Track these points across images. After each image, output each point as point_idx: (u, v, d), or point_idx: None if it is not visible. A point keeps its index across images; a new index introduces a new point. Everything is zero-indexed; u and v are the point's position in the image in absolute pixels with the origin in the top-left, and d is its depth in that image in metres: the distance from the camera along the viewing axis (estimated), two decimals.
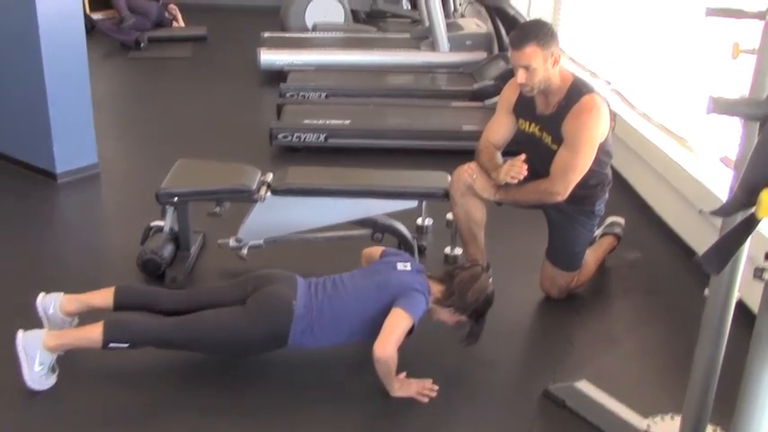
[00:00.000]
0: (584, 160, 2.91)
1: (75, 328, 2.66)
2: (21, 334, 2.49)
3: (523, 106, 3.06)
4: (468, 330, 2.72)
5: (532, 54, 2.82)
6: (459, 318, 2.70)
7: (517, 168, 2.87)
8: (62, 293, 2.71)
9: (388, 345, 2.46)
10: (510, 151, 3.10)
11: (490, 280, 2.71)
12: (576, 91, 2.92)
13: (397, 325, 2.50)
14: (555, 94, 2.94)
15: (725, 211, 1.58)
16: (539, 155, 3.01)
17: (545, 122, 3.00)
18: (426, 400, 2.53)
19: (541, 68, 2.84)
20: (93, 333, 2.50)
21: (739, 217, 1.50)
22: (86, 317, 2.70)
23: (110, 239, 3.74)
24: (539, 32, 2.86)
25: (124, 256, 3.30)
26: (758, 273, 1.51)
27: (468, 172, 3.07)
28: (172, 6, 8.06)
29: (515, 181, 2.89)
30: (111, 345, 2.49)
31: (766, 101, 1.54)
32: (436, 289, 2.68)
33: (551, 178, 2.94)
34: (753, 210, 1.42)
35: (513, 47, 2.88)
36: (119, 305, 2.69)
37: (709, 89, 3.62)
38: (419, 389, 2.55)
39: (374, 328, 2.55)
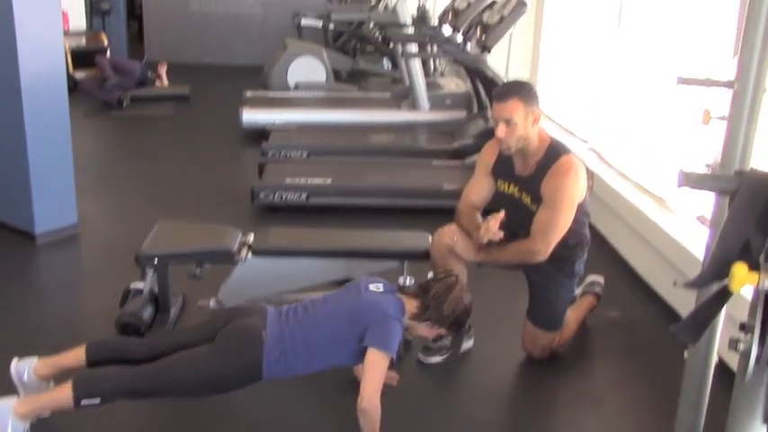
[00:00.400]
0: (563, 220, 2.94)
1: (46, 392, 2.60)
2: None
3: (502, 167, 3.11)
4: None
5: (514, 108, 2.87)
6: (439, 330, 2.68)
7: (492, 228, 2.88)
8: (36, 358, 2.66)
9: (372, 396, 2.44)
10: (490, 209, 3.13)
11: (465, 289, 2.70)
12: (554, 152, 2.97)
13: (376, 372, 2.47)
14: (533, 154, 2.99)
15: (698, 284, 1.60)
16: (518, 215, 3.04)
17: (524, 183, 3.03)
18: None
19: (522, 124, 2.89)
20: (63, 393, 2.45)
21: (713, 287, 1.53)
22: (62, 379, 2.65)
23: (88, 301, 3.70)
24: (522, 89, 2.94)
25: (103, 319, 3.26)
26: (733, 344, 1.53)
27: (449, 234, 3.09)
28: (162, 65, 8.13)
29: (496, 239, 2.91)
30: (83, 402, 2.43)
31: (735, 176, 1.58)
32: (411, 305, 2.66)
33: (532, 238, 2.97)
34: (726, 281, 1.44)
35: (496, 99, 2.94)
36: (91, 361, 2.64)
37: (684, 151, 3.73)
38: None
39: (348, 353, 2.54)
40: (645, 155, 4.35)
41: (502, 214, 2.95)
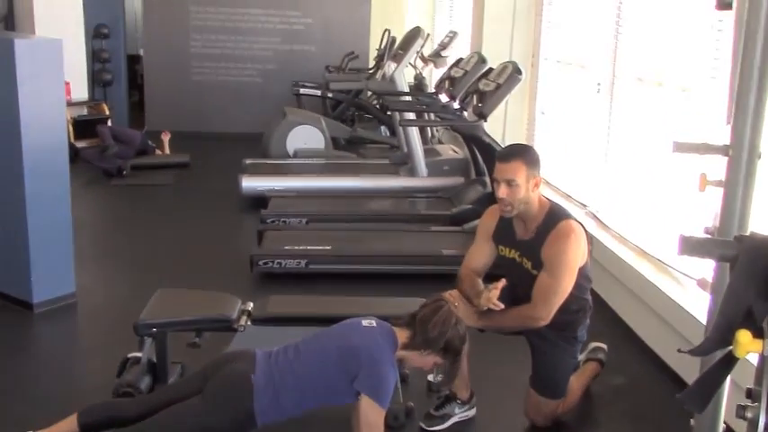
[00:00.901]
0: (564, 285, 2.94)
1: None
2: None
3: (503, 232, 3.11)
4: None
5: (517, 169, 2.90)
6: (434, 359, 2.64)
7: (492, 298, 2.87)
8: None
9: None
10: (493, 274, 3.13)
11: (454, 313, 2.66)
12: (554, 216, 2.99)
13: (373, 424, 2.46)
14: (533, 219, 3.00)
15: (702, 351, 1.59)
16: (520, 280, 3.03)
17: (524, 248, 3.04)
18: None
19: (524, 186, 2.91)
20: None
21: (718, 354, 1.52)
22: None
23: (86, 372, 3.66)
24: (526, 152, 3.00)
25: (100, 390, 3.21)
26: (740, 411, 1.50)
27: (450, 300, 3.07)
28: (165, 133, 8.23)
29: (497, 308, 2.90)
30: None
31: (734, 241, 1.58)
32: (403, 335, 2.63)
33: (533, 303, 2.96)
34: (730, 348, 1.43)
35: (499, 160, 2.97)
36: (85, 427, 2.60)
37: (683, 213, 3.74)
38: None
39: (339, 391, 2.51)
40: (644, 218, 4.37)
41: (502, 283, 2.94)
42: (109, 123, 8.34)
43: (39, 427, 2.66)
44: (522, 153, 2.98)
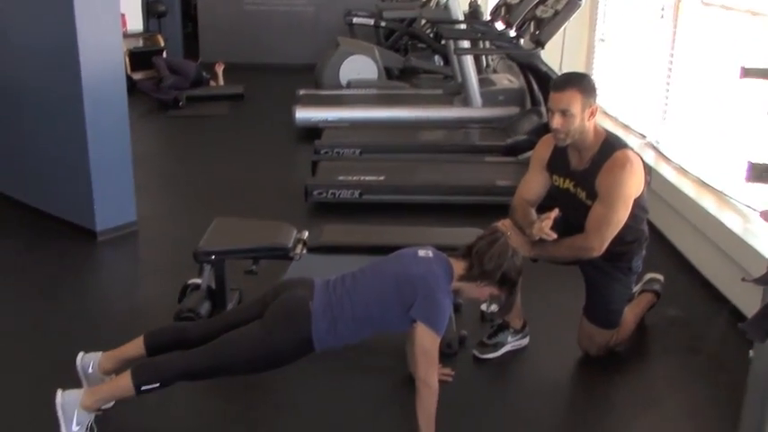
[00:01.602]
0: (618, 216, 2.89)
1: (108, 382, 2.66)
2: (60, 394, 2.51)
3: (557, 162, 3.07)
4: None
5: (572, 98, 2.83)
6: (490, 290, 2.66)
7: (545, 228, 2.85)
8: (100, 353, 2.74)
9: (428, 377, 2.45)
10: (545, 205, 3.09)
11: (510, 245, 2.66)
12: (609, 146, 2.92)
13: (427, 352, 2.48)
14: (588, 149, 2.94)
15: (766, 281, 1.55)
16: (574, 210, 3.00)
17: (579, 178, 2.99)
18: None
19: (578, 116, 2.84)
20: (124, 381, 2.51)
21: None
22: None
23: (148, 297, 3.78)
24: (581, 80, 2.91)
25: (162, 314, 3.32)
26: None
27: (503, 229, 3.06)
28: (219, 64, 8.27)
29: (550, 237, 2.88)
30: (144, 388, 2.50)
31: None
32: (459, 267, 2.64)
33: (586, 234, 2.93)
34: None
35: (554, 89, 2.90)
36: (151, 349, 2.70)
37: (747, 144, 3.62)
38: None
39: (395, 318, 2.55)
40: (706, 150, 4.25)
41: (555, 213, 2.91)
42: (164, 55, 8.41)
43: (103, 346, 2.77)
44: (578, 81, 2.90)
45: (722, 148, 4.05)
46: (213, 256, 3.24)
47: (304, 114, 6.48)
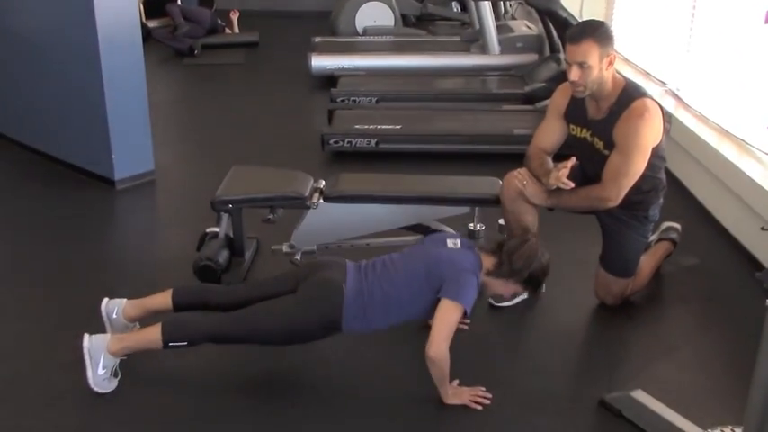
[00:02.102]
0: (636, 165, 2.87)
1: (136, 332, 2.72)
2: (86, 337, 2.57)
3: (574, 111, 3.03)
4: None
5: (589, 50, 2.79)
6: (515, 288, 2.70)
7: (561, 177, 2.84)
8: (125, 299, 2.78)
9: (440, 344, 2.47)
10: (562, 154, 3.07)
11: (539, 246, 2.69)
12: (628, 95, 2.88)
13: (446, 320, 2.50)
14: (606, 98, 2.91)
15: None
16: (591, 160, 2.98)
17: (596, 127, 2.96)
18: (480, 407, 2.53)
19: (596, 67, 2.80)
20: (153, 334, 2.56)
21: None
22: (147, 321, 2.76)
23: (166, 245, 3.82)
24: (597, 30, 2.85)
25: (181, 263, 3.37)
26: None
27: (519, 178, 3.05)
28: (234, 12, 8.19)
29: (566, 187, 2.87)
30: (171, 344, 2.55)
31: None
32: (488, 262, 2.67)
33: (603, 184, 2.91)
34: None
35: (569, 41, 2.85)
36: (178, 306, 2.75)
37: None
38: (472, 396, 2.55)
39: (424, 306, 2.57)
40: (727, 97, 4.18)
41: (572, 162, 2.89)
42: (179, 2, 8.32)
43: (124, 293, 2.82)
44: (594, 31, 2.83)
45: (744, 96, 3.99)
46: (231, 205, 3.27)
47: (319, 62, 6.43)
